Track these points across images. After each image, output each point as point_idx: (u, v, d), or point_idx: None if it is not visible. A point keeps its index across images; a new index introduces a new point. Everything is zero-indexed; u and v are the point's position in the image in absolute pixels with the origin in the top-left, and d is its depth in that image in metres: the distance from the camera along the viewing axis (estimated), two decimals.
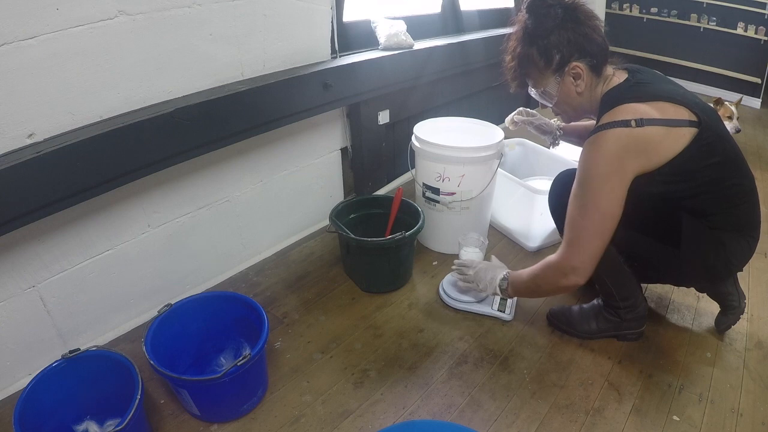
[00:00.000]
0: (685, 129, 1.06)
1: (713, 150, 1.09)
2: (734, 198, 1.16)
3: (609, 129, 1.05)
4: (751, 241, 1.22)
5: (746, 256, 1.24)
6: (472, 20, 2.51)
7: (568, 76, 1.14)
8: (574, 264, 1.13)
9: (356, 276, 1.66)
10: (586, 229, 1.10)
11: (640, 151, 1.05)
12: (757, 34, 3.60)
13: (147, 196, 1.39)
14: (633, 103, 1.07)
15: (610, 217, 1.08)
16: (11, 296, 1.19)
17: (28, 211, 1.07)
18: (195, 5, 1.31)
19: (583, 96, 1.16)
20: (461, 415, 1.21)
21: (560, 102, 1.19)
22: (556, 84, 1.16)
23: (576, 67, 1.12)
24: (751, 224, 1.22)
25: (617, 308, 1.38)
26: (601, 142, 1.05)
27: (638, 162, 1.06)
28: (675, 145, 1.06)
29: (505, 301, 1.55)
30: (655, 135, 1.05)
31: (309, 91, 1.60)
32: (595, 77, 1.15)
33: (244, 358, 1.07)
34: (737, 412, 1.22)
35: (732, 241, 1.18)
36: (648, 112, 1.05)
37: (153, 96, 1.31)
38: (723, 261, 1.20)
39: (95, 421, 1.13)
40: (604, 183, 1.06)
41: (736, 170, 1.16)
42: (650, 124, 1.04)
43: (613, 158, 1.04)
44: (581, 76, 1.13)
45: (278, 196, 1.79)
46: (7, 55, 1.03)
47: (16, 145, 1.09)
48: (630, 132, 1.03)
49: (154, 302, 1.46)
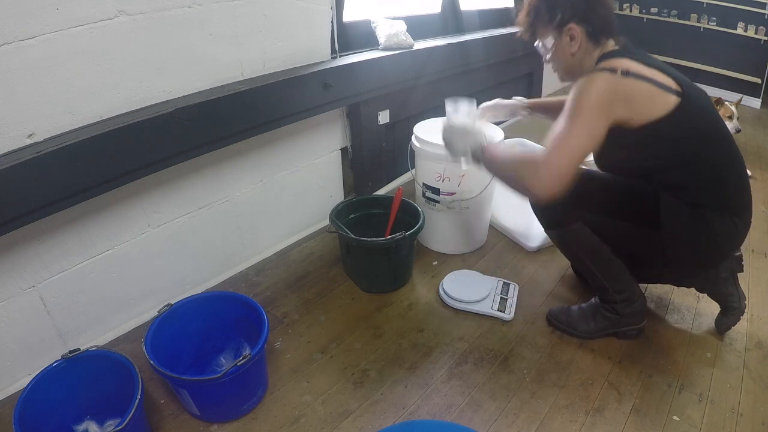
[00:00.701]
0: (671, 96, 1.11)
1: (695, 121, 1.14)
2: (717, 174, 1.17)
3: (598, 72, 1.12)
4: (738, 222, 1.20)
5: (733, 237, 1.22)
6: (472, 20, 2.52)
7: (565, 36, 1.21)
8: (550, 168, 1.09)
9: (356, 276, 1.66)
10: (572, 143, 1.10)
11: (625, 99, 1.10)
12: (757, 34, 3.60)
13: (147, 196, 1.39)
14: (624, 59, 1.13)
15: (592, 142, 1.11)
16: (11, 296, 1.19)
17: (28, 211, 1.08)
18: (195, 5, 1.31)
19: (576, 58, 1.22)
20: (461, 415, 1.21)
21: (554, 57, 1.26)
22: (553, 39, 1.23)
23: (572, 29, 1.19)
24: (738, 205, 1.21)
25: (614, 303, 1.38)
26: (592, 80, 1.11)
27: (622, 107, 1.10)
28: (658, 107, 1.11)
29: (505, 301, 1.55)
30: (640, 89, 1.10)
31: (309, 91, 1.60)
32: (591, 44, 1.21)
33: (244, 358, 1.07)
34: (737, 412, 1.22)
35: (716, 219, 1.18)
36: (637, 68, 1.11)
37: (153, 96, 1.31)
38: (707, 239, 1.19)
39: (95, 421, 1.13)
40: (594, 111, 1.09)
41: (719, 146, 1.18)
42: (636, 78, 1.09)
43: (602, 95, 1.09)
44: (576, 39, 1.20)
45: (278, 196, 1.79)
46: (7, 55, 1.03)
47: (16, 145, 1.09)
48: (615, 78, 1.09)
49: (154, 302, 1.46)
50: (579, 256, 1.38)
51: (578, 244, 1.34)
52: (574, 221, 1.30)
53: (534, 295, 1.63)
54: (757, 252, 1.87)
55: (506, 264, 1.79)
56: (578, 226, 1.31)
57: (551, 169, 1.09)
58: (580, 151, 1.11)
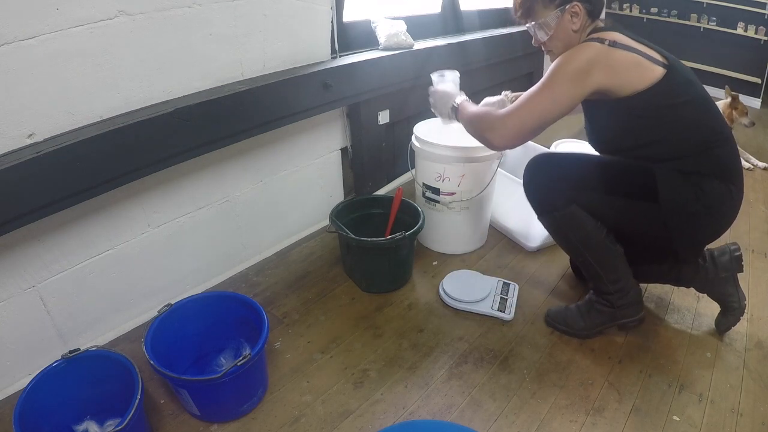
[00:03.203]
0: (657, 66, 1.16)
1: (682, 91, 1.18)
2: (709, 141, 1.20)
3: (586, 42, 1.19)
4: (732, 188, 1.22)
5: (729, 203, 1.23)
6: (472, 20, 2.52)
7: (567, 14, 1.24)
8: (506, 123, 1.24)
9: (356, 276, 1.66)
10: (532, 105, 1.21)
11: (608, 66, 1.15)
12: (757, 34, 3.60)
13: (147, 196, 1.39)
14: (613, 32, 1.20)
15: (558, 107, 1.19)
16: (11, 296, 1.19)
17: (28, 211, 1.07)
18: (195, 5, 1.31)
19: (576, 33, 1.27)
20: (461, 415, 1.21)
21: (554, 37, 1.28)
22: (556, 18, 1.25)
23: (576, 6, 1.23)
24: (730, 170, 1.23)
25: (608, 294, 1.37)
26: (579, 49, 1.18)
27: (603, 74, 1.15)
28: (645, 77, 1.16)
29: (505, 301, 1.55)
30: (626, 58, 1.15)
31: (309, 91, 1.60)
32: (588, 20, 1.27)
33: (244, 358, 1.07)
34: (737, 412, 1.22)
35: (712, 184, 1.20)
36: (624, 40, 1.17)
37: (153, 96, 1.31)
38: (705, 207, 1.20)
39: (95, 421, 1.13)
40: (567, 78, 1.17)
41: (706, 113, 1.22)
42: (623, 48, 1.15)
43: (583, 62, 1.15)
44: (578, 15, 1.24)
45: (278, 196, 1.79)
46: (7, 55, 1.03)
47: (16, 145, 1.09)
48: (602, 47, 1.15)
49: (154, 302, 1.46)
50: (573, 243, 1.36)
51: (572, 228, 1.33)
52: (569, 204, 1.30)
53: (534, 295, 1.63)
54: (757, 252, 1.87)
55: (506, 264, 1.79)
56: (573, 209, 1.30)
57: (506, 124, 1.23)
58: (541, 114, 1.19)
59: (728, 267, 1.40)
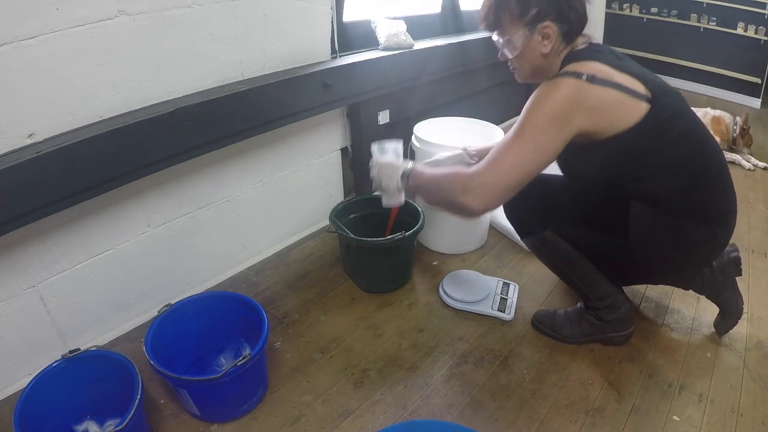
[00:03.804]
0: (640, 102, 1.02)
1: (667, 128, 1.05)
2: (693, 183, 1.11)
3: (561, 77, 1.02)
4: (718, 230, 1.14)
5: (712, 246, 1.17)
6: (472, 20, 2.50)
7: (537, 34, 1.08)
8: (483, 182, 1.04)
9: (356, 276, 1.66)
10: (512, 156, 1.03)
11: (589, 108, 1.00)
12: (757, 34, 3.60)
13: (147, 196, 1.39)
14: (591, 61, 1.03)
15: (540, 157, 1.03)
16: (11, 296, 1.19)
17: (28, 211, 1.07)
18: (195, 5, 1.31)
19: (546, 59, 1.11)
20: (461, 415, 1.21)
21: (521, 57, 1.13)
22: (524, 37, 1.09)
23: (548, 27, 1.07)
24: (718, 213, 1.14)
25: (596, 309, 1.36)
26: (553, 86, 1.02)
27: (584, 117, 1.01)
28: (627, 116, 1.02)
29: (505, 301, 1.55)
30: (607, 97, 1.01)
31: (309, 91, 1.60)
32: (563, 44, 1.10)
33: (244, 358, 1.07)
34: (737, 412, 1.22)
35: (690, 228, 1.12)
36: (604, 71, 1.01)
37: (153, 96, 1.31)
38: (682, 250, 1.14)
39: (95, 421, 1.13)
40: (547, 123, 1.01)
41: (693, 151, 1.10)
42: (603, 84, 1.00)
43: (561, 104, 1.00)
44: (550, 38, 1.08)
45: (278, 196, 1.79)
46: (7, 55, 1.03)
47: (16, 145, 1.09)
48: (580, 84, 0.99)
49: (154, 302, 1.46)
50: (554, 264, 1.36)
51: (551, 252, 1.32)
52: (544, 230, 1.28)
53: (534, 295, 1.63)
54: (757, 252, 1.87)
55: (506, 264, 1.79)
56: (549, 234, 1.28)
57: (485, 183, 1.03)
58: (524, 165, 1.02)
59: (726, 271, 1.38)
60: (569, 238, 1.27)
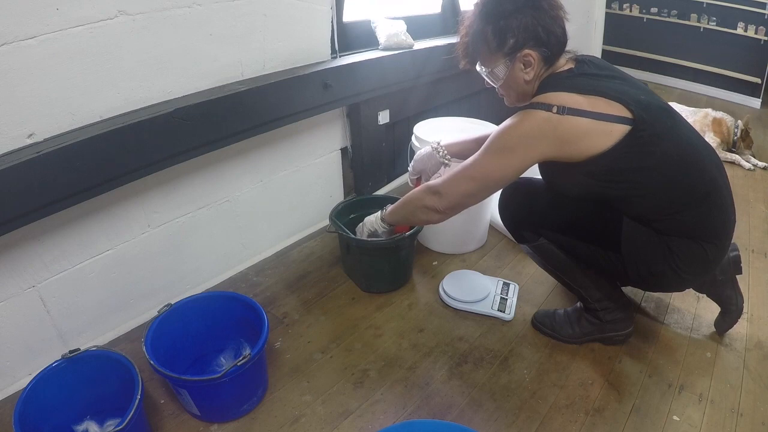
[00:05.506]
0: (615, 125, 1.03)
1: (648, 150, 1.05)
2: (677, 202, 1.10)
3: (533, 109, 1.06)
4: (710, 248, 1.13)
5: (701, 263, 1.15)
6: None
7: (518, 62, 1.10)
8: (446, 189, 1.18)
9: (356, 276, 1.66)
10: (475, 171, 1.13)
11: (557, 138, 1.04)
12: (757, 34, 3.59)
13: (147, 196, 1.39)
14: (564, 93, 1.05)
15: (499, 178, 1.14)
16: (11, 296, 1.19)
17: (28, 211, 1.08)
18: (195, 5, 1.31)
19: (530, 84, 1.13)
20: (461, 415, 1.21)
21: (506, 85, 1.17)
22: (505, 68, 1.12)
23: (528, 55, 1.08)
24: (708, 230, 1.13)
25: (594, 310, 1.36)
26: (522, 119, 1.06)
27: (552, 147, 1.05)
28: (601, 141, 1.04)
29: (505, 301, 1.55)
30: (577, 126, 1.03)
31: (309, 91, 1.60)
32: (546, 67, 1.12)
33: (244, 358, 1.07)
34: (737, 412, 1.22)
35: (682, 247, 1.12)
36: (576, 102, 1.03)
37: (153, 96, 1.31)
38: (672, 267, 1.14)
39: (95, 421, 1.13)
40: (509, 152, 1.09)
41: (678, 172, 1.08)
42: (573, 114, 1.02)
43: (526, 136, 1.06)
44: (532, 65, 1.10)
45: (278, 196, 1.79)
46: (7, 55, 1.03)
47: (16, 145, 1.09)
48: (549, 117, 1.03)
49: (154, 302, 1.46)
50: (550, 269, 1.37)
51: (546, 259, 1.34)
52: (537, 238, 1.29)
53: (534, 295, 1.63)
54: (757, 252, 1.87)
55: (506, 264, 1.79)
56: (543, 243, 1.29)
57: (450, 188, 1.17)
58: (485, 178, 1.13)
59: (726, 270, 1.38)
60: (563, 247, 1.28)
